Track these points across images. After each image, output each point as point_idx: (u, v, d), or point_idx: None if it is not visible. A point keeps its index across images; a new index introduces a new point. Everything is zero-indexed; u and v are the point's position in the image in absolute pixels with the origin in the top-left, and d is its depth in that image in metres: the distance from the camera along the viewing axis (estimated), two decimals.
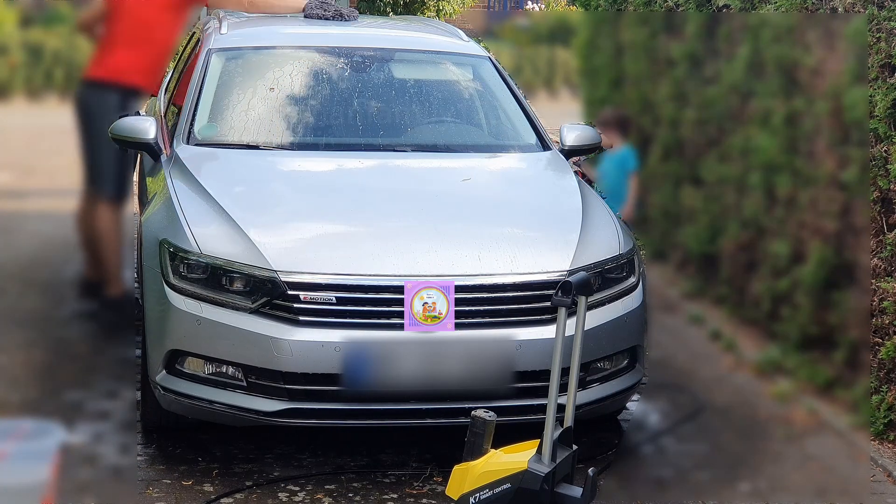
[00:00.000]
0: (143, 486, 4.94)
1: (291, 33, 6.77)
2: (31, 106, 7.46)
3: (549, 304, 4.78)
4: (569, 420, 4.48)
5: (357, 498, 4.93)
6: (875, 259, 5.79)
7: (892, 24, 5.60)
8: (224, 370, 4.94)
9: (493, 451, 4.36)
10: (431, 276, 4.91)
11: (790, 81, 6.53)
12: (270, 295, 4.88)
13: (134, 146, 5.97)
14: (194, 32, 7.59)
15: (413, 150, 6.11)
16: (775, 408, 6.07)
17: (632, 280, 5.35)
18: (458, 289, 4.90)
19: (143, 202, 6.33)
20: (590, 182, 6.82)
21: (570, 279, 4.38)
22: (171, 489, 4.94)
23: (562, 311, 4.37)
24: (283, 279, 4.88)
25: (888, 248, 5.69)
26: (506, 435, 4.50)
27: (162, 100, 7.40)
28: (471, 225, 5.39)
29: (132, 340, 5.87)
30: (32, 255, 6.86)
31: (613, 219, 5.61)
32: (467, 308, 4.91)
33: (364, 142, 6.12)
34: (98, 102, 6.48)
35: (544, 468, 4.29)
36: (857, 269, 5.99)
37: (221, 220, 5.17)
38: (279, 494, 4.93)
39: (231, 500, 4.88)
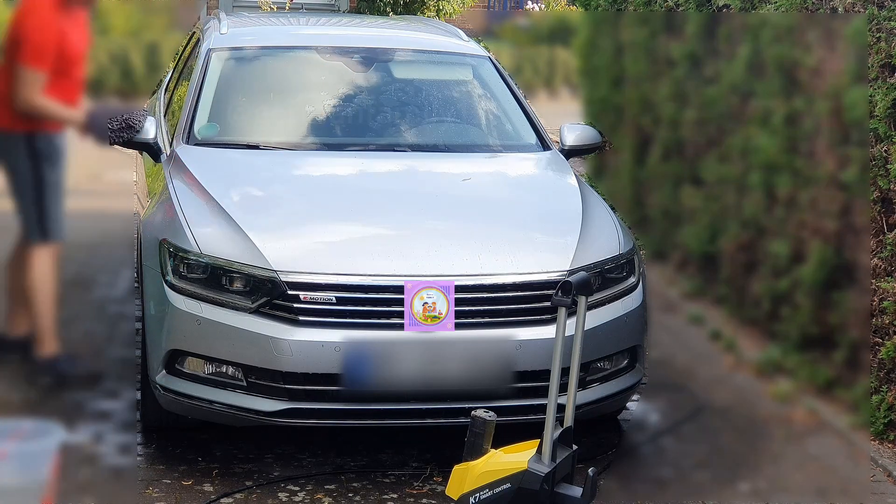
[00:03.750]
0: (143, 486, 4.93)
1: (292, 33, 6.76)
2: None
3: (549, 304, 4.77)
4: (569, 420, 4.48)
5: (357, 498, 4.93)
6: (875, 259, 5.79)
7: (892, 24, 5.60)
8: (224, 370, 4.94)
9: (493, 451, 4.35)
10: (431, 276, 4.91)
11: (790, 81, 6.52)
12: (270, 295, 4.87)
13: (134, 146, 5.96)
14: (194, 32, 7.58)
15: (413, 150, 6.11)
16: (775, 408, 6.07)
17: (632, 280, 5.35)
18: (458, 289, 4.90)
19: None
20: None
21: (570, 279, 4.37)
22: (171, 489, 4.93)
23: (562, 311, 4.36)
24: (282, 279, 4.87)
25: (888, 248, 5.69)
26: (506, 435, 4.50)
27: (162, 99, 7.41)
28: (471, 225, 5.39)
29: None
30: None
31: (614, 219, 5.61)
32: (467, 308, 4.91)
33: (364, 142, 6.12)
34: (49, 146, 5.67)
35: (544, 468, 4.29)
36: (857, 269, 5.99)
37: (221, 220, 5.17)
38: (279, 494, 4.93)
39: (231, 500, 4.88)
